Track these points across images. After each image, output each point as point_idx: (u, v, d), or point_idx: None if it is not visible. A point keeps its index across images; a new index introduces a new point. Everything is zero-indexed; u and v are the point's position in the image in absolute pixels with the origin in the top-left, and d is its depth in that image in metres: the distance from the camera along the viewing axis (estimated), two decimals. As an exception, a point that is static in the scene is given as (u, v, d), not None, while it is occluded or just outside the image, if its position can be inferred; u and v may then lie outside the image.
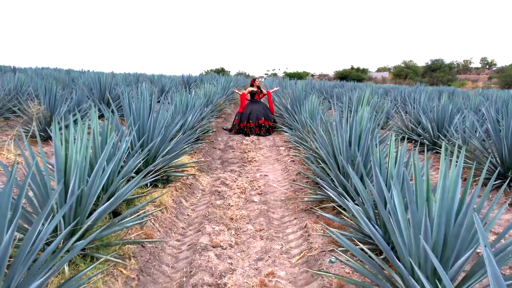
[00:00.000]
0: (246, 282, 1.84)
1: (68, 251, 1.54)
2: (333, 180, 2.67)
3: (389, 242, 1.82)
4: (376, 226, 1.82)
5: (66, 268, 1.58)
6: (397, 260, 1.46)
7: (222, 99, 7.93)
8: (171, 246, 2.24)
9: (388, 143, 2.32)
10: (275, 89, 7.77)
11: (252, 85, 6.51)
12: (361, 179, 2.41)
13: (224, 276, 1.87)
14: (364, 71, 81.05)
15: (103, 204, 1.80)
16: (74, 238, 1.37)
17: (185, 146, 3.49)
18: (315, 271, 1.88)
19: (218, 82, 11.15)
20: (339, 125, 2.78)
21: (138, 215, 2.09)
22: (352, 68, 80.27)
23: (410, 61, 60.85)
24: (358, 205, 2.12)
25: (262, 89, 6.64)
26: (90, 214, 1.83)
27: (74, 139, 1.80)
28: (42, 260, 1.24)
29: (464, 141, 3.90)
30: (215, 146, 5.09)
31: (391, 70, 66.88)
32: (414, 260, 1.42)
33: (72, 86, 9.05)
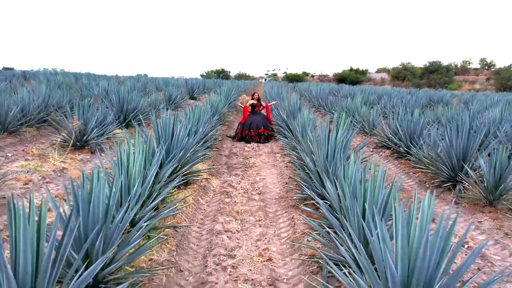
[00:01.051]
0: (249, 254, 2.68)
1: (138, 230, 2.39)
2: (315, 183, 3.52)
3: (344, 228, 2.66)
4: (338, 215, 2.66)
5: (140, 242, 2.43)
6: (344, 235, 2.31)
7: (225, 108, 8.79)
8: (194, 231, 3.09)
9: (364, 152, 3.16)
10: (273, 102, 8.65)
11: (252, 98, 7.38)
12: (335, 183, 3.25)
13: (234, 250, 2.72)
14: (364, 72, 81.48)
15: (152, 202, 2.65)
16: (144, 223, 2.22)
17: (200, 155, 4.34)
18: (297, 246, 2.73)
19: (221, 90, 11.97)
20: (320, 142, 3.63)
21: (171, 209, 2.94)
22: (351, 69, 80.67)
23: (408, 63, 61.49)
24: (327, 202, 2.97)
25: (261, 102, 7.51)
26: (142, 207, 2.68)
27: (120, 152, 2.64)
28: (132, 234, 2.09)
29: (427, 151, 4.74)
30: (221, 153, 5.94)
31: (390, 72, 67.67)
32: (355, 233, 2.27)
33: (88, 95, 9.89)
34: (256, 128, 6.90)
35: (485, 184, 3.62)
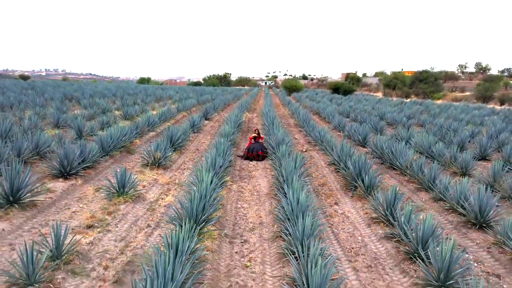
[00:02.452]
0: (252, 215, 6.66)
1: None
2: (284, 187, 7.48)
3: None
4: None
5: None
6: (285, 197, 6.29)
7: (236, 135, 12.77)
8: (228, 207, 7.06)
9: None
10: (264, 137, 12.62)
11: (254, 132, 11.36)
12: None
13: (247, 214, 6.70)
14: (359, 79, 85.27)
15: (212, 196, 6.63)
16: (214, 202, 6.21)
17: (227, 171, 8.32)
18: (272, 214, 6.72)
19: (229, 116, 15.86)
20: (288, 165, 7.59)
21: (218, 198, 6.89)
22: (347, 77, 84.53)
23: (399, 72, 65.44)
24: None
25: (260, 135, 11.48)
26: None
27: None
28: (209, 208, 6.09)
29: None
30: (236, 168, 9.92)
31: (382, 80, 71.62)
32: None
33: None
34: (256, 151, 10.86)
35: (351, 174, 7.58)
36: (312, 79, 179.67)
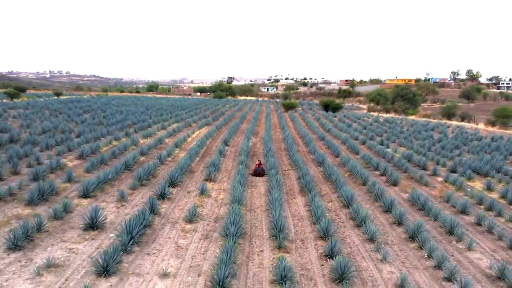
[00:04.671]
0: (258, 202, 16.01)
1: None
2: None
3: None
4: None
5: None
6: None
7: (247, 160, 22.09)
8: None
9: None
10: (263, 164, 21.84)
11: (258, 161, 20.70)
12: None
13: (256, 201, 16.05)
14: (350, 92, 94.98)
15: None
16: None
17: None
18: (265, 200, 16.12)
19: (242, 149, 25.11)
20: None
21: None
22: (340, 90, 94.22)
23: (383, 89, 74.66)
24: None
25: (261, 163, 20.82)
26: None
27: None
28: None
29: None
30: (248, 180, 19.25)
31: (367, 96, 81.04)
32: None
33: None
34: (258, 172, 20.15)
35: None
36: (311, 86, 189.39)
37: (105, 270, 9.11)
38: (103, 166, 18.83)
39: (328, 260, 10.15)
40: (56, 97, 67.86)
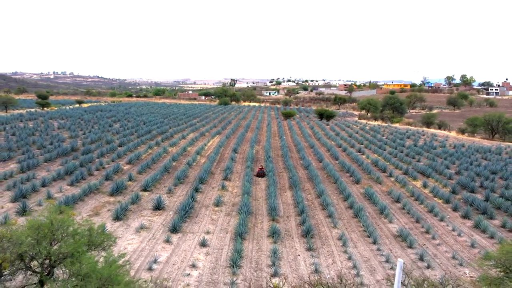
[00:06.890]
0: (260, 194, 23.38)
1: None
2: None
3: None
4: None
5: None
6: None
7: (251, 164, 29.39)
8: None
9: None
10: (264, 168, 29.15)
11: (260, 165, 27.99)
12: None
13: (258, 193, 23.41)
14: (345, 100, 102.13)
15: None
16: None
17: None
18: (265, 193, 23.52)
19: (248, 156, 32.43)
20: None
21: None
22: (335, 98, 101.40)
23: (372, 99, 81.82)
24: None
25: (263, 167, 28.12)
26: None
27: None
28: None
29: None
30: (252, 180, 26.57)
31: (359, 104, 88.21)
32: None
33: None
34: (261, 173, 27.46)
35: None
36: (312, 90, 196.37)
37: (174, 229, 16.43)
38: (148, 170, 26.18)
39: (301, 226, 17.43)
40: (78, 105, 75.48)
